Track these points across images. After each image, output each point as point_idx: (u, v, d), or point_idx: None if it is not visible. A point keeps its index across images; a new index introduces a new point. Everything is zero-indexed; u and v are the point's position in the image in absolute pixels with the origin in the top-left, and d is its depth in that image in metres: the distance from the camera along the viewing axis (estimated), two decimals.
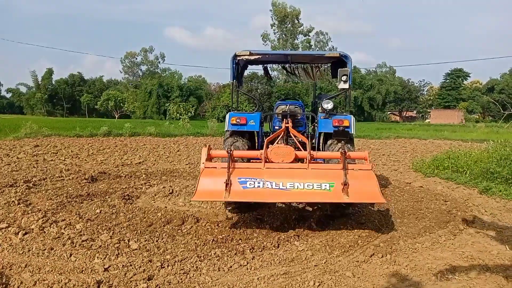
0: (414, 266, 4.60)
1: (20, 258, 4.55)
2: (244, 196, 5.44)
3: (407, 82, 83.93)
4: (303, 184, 5.38)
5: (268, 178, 5.46)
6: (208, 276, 4.31)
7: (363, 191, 5.37)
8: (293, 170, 5.66)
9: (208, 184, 5.49)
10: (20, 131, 18.24)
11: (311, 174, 5.53)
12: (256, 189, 5.39)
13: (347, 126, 6.42)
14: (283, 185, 5.38)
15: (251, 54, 6.83)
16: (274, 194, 5.36)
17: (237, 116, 6.73)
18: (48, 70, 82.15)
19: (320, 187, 5.35)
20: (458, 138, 23.29)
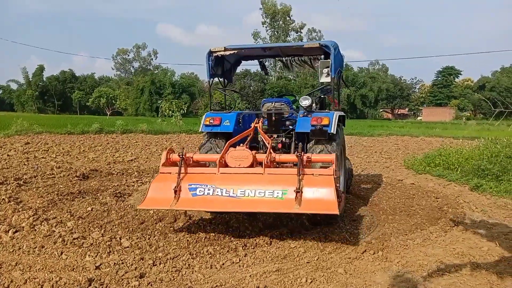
0: (406, 262, 4.63)
1: (10, 256, 4.51)
2: (192, 204, 5.14)
3: (399, 79, 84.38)
4: (255, 192, 4.93)
5: (219, 184, 5.06)
6: (200, 274, 4.30)
7: (316, 200, 4.77)
8: (246, 176, 5.21)
9: (158, 191, 5.23)
10: (10, 128, 18.04)
11: (265, 180, 5.04)
12: (205, 196, 5.03)
13: (326, 124, 5.86)
14: (234, 192, 4.97)
15: (225, 49, 6.53)
16: (224, 202, 4.97)
17: (211, 117, 6.40)
18: (39, 66, 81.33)
19: (272, 195, 4.87)
20: (449, 135, 23.45)
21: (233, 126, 6.32)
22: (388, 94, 76.66)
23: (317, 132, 5.83)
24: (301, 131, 6.10)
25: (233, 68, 7.88)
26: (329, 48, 6.22)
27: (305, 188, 4.78)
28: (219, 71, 7.26)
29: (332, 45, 6.27)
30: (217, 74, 7.18)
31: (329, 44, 6.26)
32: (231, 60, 7.52)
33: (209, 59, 6.65)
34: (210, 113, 6.56)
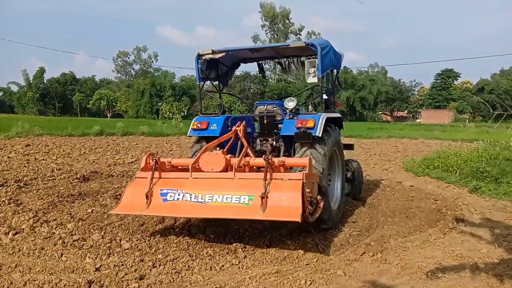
0: (405, 264, 4.65)
1: (10, 258, 4.52)
2: (161, 210, 5.05)
3: (398, 82, 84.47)
4: (222, 197, 4.79)
5: (189, 189, 4.97)
6: (200, 275, 4.32)
7: (280, 206, 4.54)
8: (216, 181, 5.06)
9: (132, 196, 5.20)
10: (11, 130, 18.05)
11: (233, 185, 4.88)
12: (175, 201, 4.96)
13: (310, 127, 5.61)
14: (202, 197, 4.86)
15: (213, 52, 6.35)
16: (191, 208, 4.89)
17: (198, 121, 6.32)
18: (39, 69, 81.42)
19: (239, 200, 4.70)
20: (448, 137, 23.44)
21: (220, 130, 6.21)
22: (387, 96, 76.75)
23: (301, 135, 5.61)
24: (286, 134, 5.93)
25: (230, 71, 7.70)
26: (315, 47, 5.89)
27: (271, 193, 4.58)
28: (213, 74, 7.12)
29: (319, 43, 5.96)
30: (209, 77, 7.05)
31: (316, 43, 5.94)
32: (227, 63, 7.37)
33: (198, 62, 6.51)
34: (199, 117, 6.49)
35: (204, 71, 6.76)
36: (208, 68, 6.88)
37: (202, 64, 6.58)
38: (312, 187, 4.78)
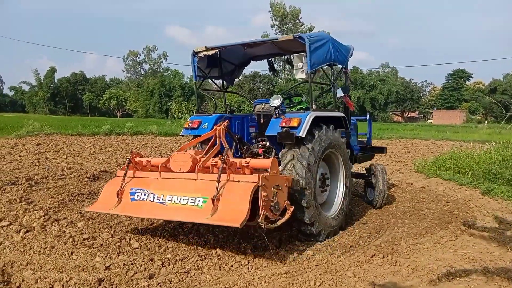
0: (415, 267, 4.60)
1: (21, 256, 4.56)
2: (127, 209, 5.00)
3: (409, 82, 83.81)
4: (180, 198, 4.67)
5: (153, 189, 4.92)
6: (209, 275, 4.31)
7: (228, 210, 4.30)
8: (179, 181, 4.91)
9: (108, 194, 5.21)
10: (22, 129, 18.22)
11: (193, 187, 4.72)
12: (140, 201, 4.92)
13: (293, 126, 5.21)
14: (163, 198, 4.78)
15: (207, 49, 6.16)
16: (151, 208, 4.82)
17: (191, 120, 6.16)
18: (50, 68, 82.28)
19: (194, 203, 4.57)
20: (460, 139, 23.23)
21: (211, 129, 5.94)
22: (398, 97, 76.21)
23: (283, 135, 5.26)
24: (270, 134, 5.59)
25: (238, 69, 7.40)
26: (303, 39, 5.44)
27: (223, 196, 4.39)
28: (215, 73, 6.91)
29: (309, 36, 5.51)
30: (211, 75, 6.88)
31: (304, 36, 5.49)
32: (234, 61, 7.12)
33: (194, 60, 6.30)
34: (193, 116, 6.37)
35: (203, 69, 6.60)
36: (208, 66, 6.69)
37: (199, 62, 6.39)
38: (277, 191, 4.49)
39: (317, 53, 5.60)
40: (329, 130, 5.64)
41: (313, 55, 5.48)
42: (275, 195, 4.47)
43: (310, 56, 5.43)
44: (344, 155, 6.10)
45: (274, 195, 4.46)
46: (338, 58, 6.20)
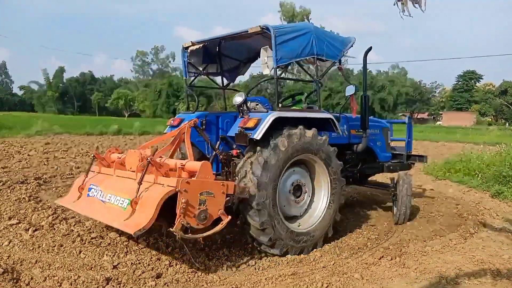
0: (424, 269, 4.56)
1: (30, 254, 4.59)
2: (79, 206, 4.88)
3: (419, 83, 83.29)
4: (115, 198, 4.44)
5: (103, 187, 4.77)
6: (216, 275, 4.31)
7: (139, 215, 4.04)
8: (123, 180, 4.71)
9: (74, 189, 5.19)
10: (31, 129, 18.41)
11: (126, 187, 4.43)
12: (91, 198, 4.81)
13: (249, 127, 4.76)
14: (105, 196, 4.61)
15: (193, 44, 5.91)
16: (92, 206, 4.66)
17: (173, 118, 5.93)
18: (59, 68, 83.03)
19: (122, 204, 4.32)
20: (470, 141, 23.05)
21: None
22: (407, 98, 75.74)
23: (239, 136, 4.88)
24: (230, 135, 5.25)
25: (243, 66, 6.92)
26: (270, 30, 4.87)
27: (142, 199, 4.09)
28: (213, 69, 6.57)
29: (277, 27, 4.95)
30: (209, 72, 6.57)
31: (271, 27, 4.89)
32: (237, 57, 6.68)
33: (184, 56, 6.03)
34: (180, 114, 6.13)
35: (198, 65, 6.31)
36: (205, 62, 6.35)
37: (193, 57, 6.12)
38: (207, 198, 4.13)
39: (288, 46, 5.02)
40: (301, 132, 4.93)
41: (281, 48, 4.93)
42: (203, 203, 4.09)
43: (275, 49, 4.87)
44: (329, 162, 5.30)
45: (202, 202, 4.09)
46: (325, 52, 5.46)
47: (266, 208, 4.62)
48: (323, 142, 5.19)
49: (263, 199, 4.60)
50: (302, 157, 5.09)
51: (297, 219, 5.31)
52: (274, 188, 4.71)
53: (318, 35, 5.36)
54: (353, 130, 6.31)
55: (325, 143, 5.22)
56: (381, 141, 6.89)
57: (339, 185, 5.44)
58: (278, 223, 4.74)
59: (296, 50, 5.14)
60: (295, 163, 5.16)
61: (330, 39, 5.61)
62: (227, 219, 4.25)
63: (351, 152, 6.35)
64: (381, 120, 7.20)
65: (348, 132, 6.24)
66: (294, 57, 5.17)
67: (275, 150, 4.70)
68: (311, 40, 5.26)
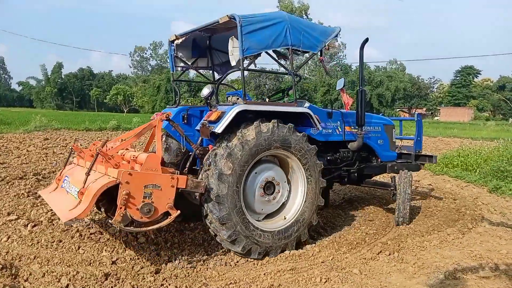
0: (422, 264, 4.57)
1: (29, 249, 4.59)
2: (50, 196, 4.88)
3: (417, 79, 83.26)
4: (73, 189, 4.42)
5: (71, 178, 4.75)
6: (215, 271, 4.32)
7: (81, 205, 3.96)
8: (81, 170, 4.70)
9: (54, 180, 5.26)
10: (30, 124, 18.36)
11: (81, 177, 4.29)
12: (62, 189, 4.80)
13: (212, 121, 4.67)
14: (70, 187, 4.60)
15: (176, 37, 5.74)
16: (60, 196, 4.65)
17: (156, 113, 5.52)
18: (57, 64, 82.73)
19: (74, 194, 4.25)
20: (468, 136, 23.09)
21: None
22: (405, 93, 75.76)
23: (202, 130, 4.80)
24: (197, 129, 5.15)
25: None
26: (236, 19, 4.65)
27: (88, 190, 4.03)
28: (203, 63, 6.35)
29: (244, 17, 4.69)
30: (198, 66, 6.33)
31: (237, 16, 4.67)
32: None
33: (171, 50, 5.87)
34: (166, 108, 5.86)
35: (186, 59, 6.11)
36: (194, 56, 6.13)
37: (181, 51, 5.96)
38: (153, 191, 4.04)
39: (256, 36, 4.78)
40: (270, 127, 4.71)
41: (248, 38, 4.70)
42: (148, 196, 4.01)
43: (241, 39, 4.64)
44: (305, 160, 5.03)
45: (148, 195, 4.01)
46: (301, 42, 5.16)
47: (227, 202, 4.44)
48: (298, 138, 4.94)
49: (224, 192, 4.43)
50: (272, 152, 4.88)
51: (269, 218, 5.12)
52: (237, 182, 4.53)
53: (294, 25, 5.08)
54: (348, 127, 6.06)
55: (300, 139, 4.95)
56: (383, 139, 6.56)
57: (316, 186, 5.14)
58: (242, 220, 4.56)
59: (266, 40, 4.89)
60: (268, 159, 5.02)
61: (308, 29, 5.29)
62: (175, 214, 4.13)
63: (346, 150, 6.13)
64: (383, 117, 6.88)
65: (342, 129, 5.99)
66: (264, 47, 4.92)
67: (238, 144, 4.52)
68: (284, 29, 5.00)
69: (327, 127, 5.80)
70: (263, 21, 4.83)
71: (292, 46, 5.07)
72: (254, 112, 4.86)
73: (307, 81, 61.62)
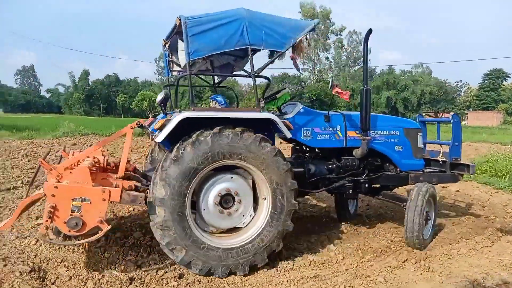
0: (449, 273, 4.47)
1: (56, 253, 4.69)
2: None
3: (443, 82, 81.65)
4: None
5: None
6: (237, 276, 4.32)
7: None
8: None
9: None
10: (58, 130, 18.81)
11: None
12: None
13: (157, 129, 4.38)
14: None
15: (165, 42, 5.34)
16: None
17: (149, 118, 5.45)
18: (84, 71, 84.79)
19: None
20: (497, 141, 22.42)
21: None
22: (431, 97, 74.40)
23: (152, 139, 4.60)
24: None
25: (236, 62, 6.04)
26: (181, 20, 4.37)
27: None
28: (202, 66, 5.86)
29: (191, 17, 4.40)
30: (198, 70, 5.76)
31: (182, 17, 4.37)
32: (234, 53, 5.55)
33: (165, 54, 5.52)
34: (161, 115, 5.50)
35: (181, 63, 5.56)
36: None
37: (174, 55, 5.52)
38: (82, 205, 3.93)
39: (205, 37, 4.42)
40: (218, 135, 4.25)
41: (195, 40, 4.35)
42: (77, 209, 3.91)
43: (187, 42, 4.31)
44: (266, 169, 4.43)
45: (76, 209, 3.91)
46: (264, 41, 4.63)
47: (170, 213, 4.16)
48: (258, 147, 4.37)
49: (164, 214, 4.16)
50: (230, 163, 4.39)
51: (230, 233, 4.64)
52: (182, 194, 4.18)
53: (253, 22, 4.58)
54: (352, 132, 5.41)
55: (260, 147, 4.38)
56: (402, 145, 5.72)
57: (283, 208, 4.51)
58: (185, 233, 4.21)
59: (218, 41, 4.47)
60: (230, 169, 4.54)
61: (273, 25, 4.73)
62: (106, 229, 3.98)
63: (351, 158, 5.47)
64: (404, 119, 6.21)
65: (343, 134, 5.36)
66: (215, 49, 4.50)
67: (173, 161, 4.17)
68: (241, 28, 4.52)
69: (324, 132, 5.27)
70: (214, 21, 4.46)
71: (252, 46, 4.55)
72: (215, 120, 4.39)
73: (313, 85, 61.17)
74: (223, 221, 4.54)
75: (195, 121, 4.32)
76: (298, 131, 5.15)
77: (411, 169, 5.80)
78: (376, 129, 5.56)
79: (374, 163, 5.69)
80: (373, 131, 5.50)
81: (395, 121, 6.00)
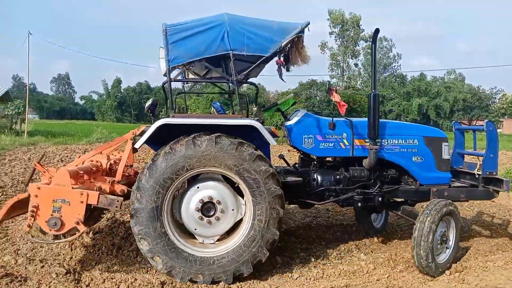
0: (485, 285, 4.32)
1: (91, 256, 4.83)
2: None
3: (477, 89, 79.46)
4: None
5: None
6: (267, 283, 4.32)
7: None
8: None
9: None
10: (92, 136, 19.37)
11: None
12: None
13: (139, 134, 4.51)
14: None
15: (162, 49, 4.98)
16: None
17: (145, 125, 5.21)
18: (116, 79, 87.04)
19: None
20: None
21: None
22: (465, 104, 72.52)
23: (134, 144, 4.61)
24: None
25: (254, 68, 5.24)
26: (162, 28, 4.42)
27: None
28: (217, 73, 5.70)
29: (172, 25, 4.45)
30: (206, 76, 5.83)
31: (163, 24, 4.45)
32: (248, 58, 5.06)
33: None
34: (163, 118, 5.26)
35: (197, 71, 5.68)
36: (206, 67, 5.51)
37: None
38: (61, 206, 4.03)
39: (185, 44, 4.44)
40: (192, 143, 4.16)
41: (175, 47, 4.39)
42: (57, 210, 4.03)
43: (167, 49, 4.36)
44: (250, 177, 4.25)
45: (57, 209, 4.03)
46: (246, 45, 4.51)
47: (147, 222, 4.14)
48: (236, 152, 4.22)
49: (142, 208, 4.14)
50: (209, 170, 4.30)
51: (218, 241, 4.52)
52: (158, 204, 4.16)
53: (234, 27, 4.51)
54: (360, 140, 5.04)
55: (240, 154, 4.22)
56: (422, 156, 5.18)
57: (267, 218, 4.29)
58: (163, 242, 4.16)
59: (198, 47, 4.45)
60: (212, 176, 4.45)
61: (255, 29, 4.60)
62: (82, 230, 4.07)
63: (360, 169, 5.12)
64: (426, 127, 5.58)
65: (350, 142, 5.02)
66: (195, 55, 4.47)
67: (159, 162, 4.16)
68: (221, 33, 4.46)
69: (327, 140, 4.97)
70: (194, 27, 4.45)
71: (233, 51, 4.46)
72: (199, 126, 4.36)
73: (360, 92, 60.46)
74: (202, 229, 4.40)
75: (184, 128, 4.30)
76: (299, 138, 4.95)
77: (434, 182, 5.22)
78: (389, 138, 5.13)
79: (389, 174, 5.23)
80: (385, 140, 5.10)
81: (413, 128, 5.40)
